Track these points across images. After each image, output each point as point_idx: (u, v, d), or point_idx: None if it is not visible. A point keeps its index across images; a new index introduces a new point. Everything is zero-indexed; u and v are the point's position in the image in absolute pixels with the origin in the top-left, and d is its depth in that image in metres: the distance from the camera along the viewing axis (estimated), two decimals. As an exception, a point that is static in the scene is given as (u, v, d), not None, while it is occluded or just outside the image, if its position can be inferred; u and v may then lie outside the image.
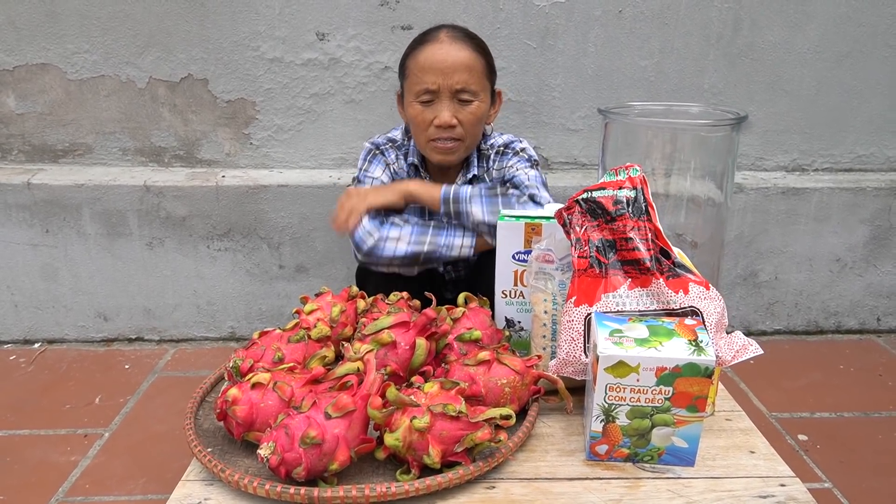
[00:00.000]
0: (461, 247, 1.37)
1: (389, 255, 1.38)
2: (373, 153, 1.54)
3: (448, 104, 1.40)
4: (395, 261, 1.39)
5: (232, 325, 2.27)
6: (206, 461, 0.92)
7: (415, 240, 1.38)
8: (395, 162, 1.54)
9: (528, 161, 1.54)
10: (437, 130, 1.42)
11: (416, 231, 1.39)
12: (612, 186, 1.04)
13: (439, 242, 1.37)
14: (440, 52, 1.39)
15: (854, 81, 2.20)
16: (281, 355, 1.07)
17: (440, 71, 1.38)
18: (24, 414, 1.85)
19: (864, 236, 2.27)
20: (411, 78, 1.43)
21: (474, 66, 1.41)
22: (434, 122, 1.41)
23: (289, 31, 2.07)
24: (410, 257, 1.38)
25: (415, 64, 1.42)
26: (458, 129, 1.42)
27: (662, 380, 0.91)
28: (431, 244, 1.37)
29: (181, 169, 2.21)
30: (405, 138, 1.58)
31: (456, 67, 1.38)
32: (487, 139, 1.59)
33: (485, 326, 1.15)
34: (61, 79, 2.10)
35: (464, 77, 1.39)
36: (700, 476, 0.95)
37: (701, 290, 1.03)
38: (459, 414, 0.89)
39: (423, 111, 1.42)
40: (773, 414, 1.88)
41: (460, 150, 1.46)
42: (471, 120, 1.43)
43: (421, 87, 1.40)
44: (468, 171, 1.54)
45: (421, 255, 1.38)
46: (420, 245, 1.38)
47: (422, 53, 1.41)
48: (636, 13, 2.10)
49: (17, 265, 2.16)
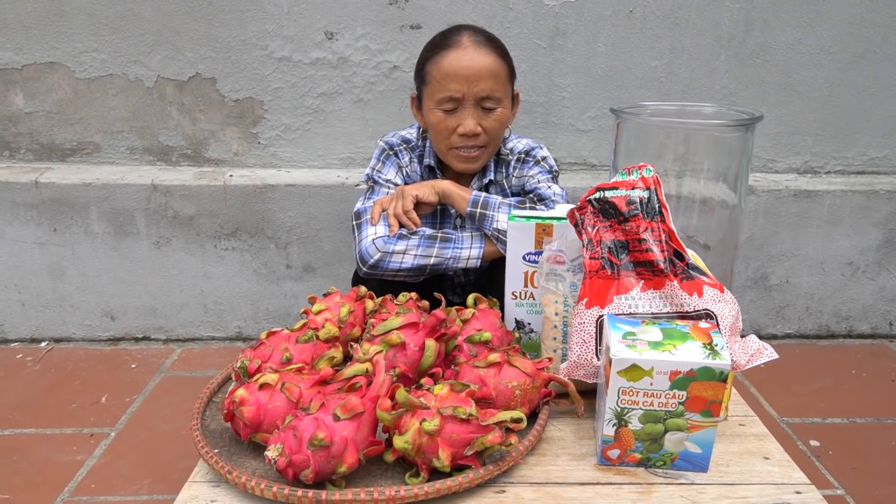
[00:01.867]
0: (468, 259, 1.36)
1: (395, 268, 1.37)
2: (386, 153, 1.51)
3: (472, 112, 1.36)
4: (401, 273, 1.38)
5: (239, 325, 2.26)
6: (213, 462, 0.91)
7: (422, 253, 1.36)
8: (409, 165, 1.51)
9: (549, 173, 1.51)
10: (460, 139, 1.39)
11: (423, 244, 1.37)
12: (625, 186, 1.02)
13: (446, 255, 1.36)
14: (465, 59, 1.35)
15: (867, 83, 2.18)
16: (289, 356, 1.06)
17: (465, 79, 1.34)
18: (30, 413, 1.85)
19: (877, 240, 2.24)
20: (433, 85, 1.38)
21: (499, 72, 1.37)
22: (458, 130, 1.37)
23: (297, 30, 2.06)
24: (416, 270, 1.37)
25: (437, 70, 1.37)
26: (482, 136, 1.39)
27: (676, 384, 0.89)
28: (438, 257, 1.36)
29: (189, 168, 2.21)
30: (419, 139, 1.55)
31: (481, 75, 1.34)
32: (506, 142, 1.55)
33: (495, 328, 1.14)
34: (69, 77, 2.10)
35: (489, 85, 1.35)
36: (714, 482, 0.94)
37: (715, 292, 1.01)
38: (469, 417, 0.88)
39: (446, 119, 1.38)
40: (785, 419, 1.86)
41: (483, 157, 1.44)
42: (495, 127, 1.40)
43: (444, 94, 1.36)
44: (484, 175, 1.51)
45: (427, 267, 1.37)
46: (427, 258, 1.36)
47: (444, 59, 1.36)
48: (647, 13, 2.08)
49: (24, 264, 2.16)
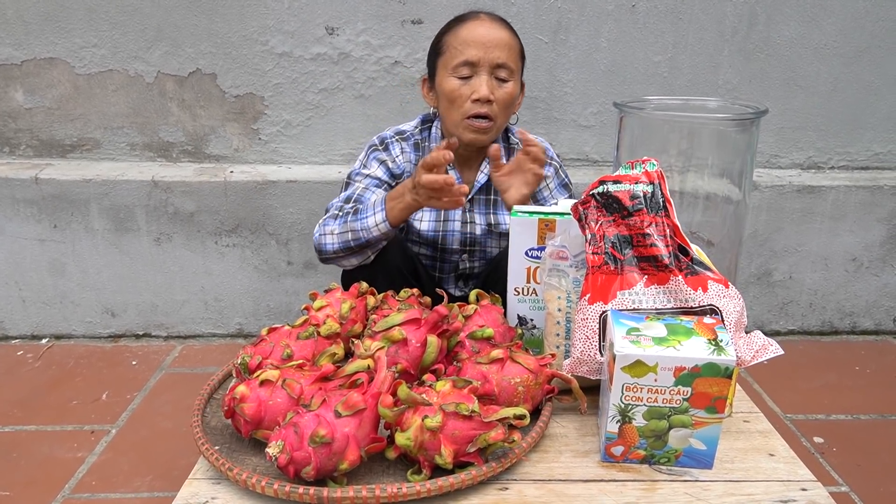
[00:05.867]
0: (375, 225, 1.34)
1: (330, 250, 1.39)
2: (374, 148, 1.53)
3: (486, 79, 1.40)
4: (338, 253, 1.39)
5: (240, 322, 2.25)
6: (214, 459, 0.91)
7: (340, 231, 1.37)
8: (401, 155, 1.52)
9: (563, 187, 1.58)
10: (473, 105, 1.41)
11: (340, 222, 1.38)
12: (629, 180, 1.01)
13: (357, 227, 1.36)
14: (482, 28, 1.41)
15: (871, 78, 2.17)
16: (290, 352, 1.06)
17: (482, 44, 1.39)
18: (30, 410, 1.84)
19: (881, 235, 2.23)
20: (450, 52, 1.42)
21: (513, 45, 1.43)
22: (472, 95, 1.40)
23: (298, 25, 2.05)
24: (344, 248, 1.37)
25: (454, 38, 1.43)
26: (493, 106, 1.42)
27: (681, 380, 0.88)
28: (352, 230, 1.36)
29: (189, 164, 2.20)
30: (422, 128, 1.56)
31: (497, 43, 1.40)
32: (514, 132, 1.58)
33: (497, 324, 1.13)
34: (69, 73, 2.09)
35: (504, 53, 1.41)
36: (718, 479, 0.93)
37: (720, 287, 1.00)
38: (472, 413, 0.87)
39: (461, 86, 1.41)
40: (788, 416, 1.85)
41: (492, 131, 1.46)
42: (505, 99, 1.43)
43: (461, 59, 1.40)
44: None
45: (349, 242, 1.37)
46: (344, 234, 1.37)
47: (463, 28, 1.42)
48: (649, 7, 2.07)
49: (24, 260, 2.15)
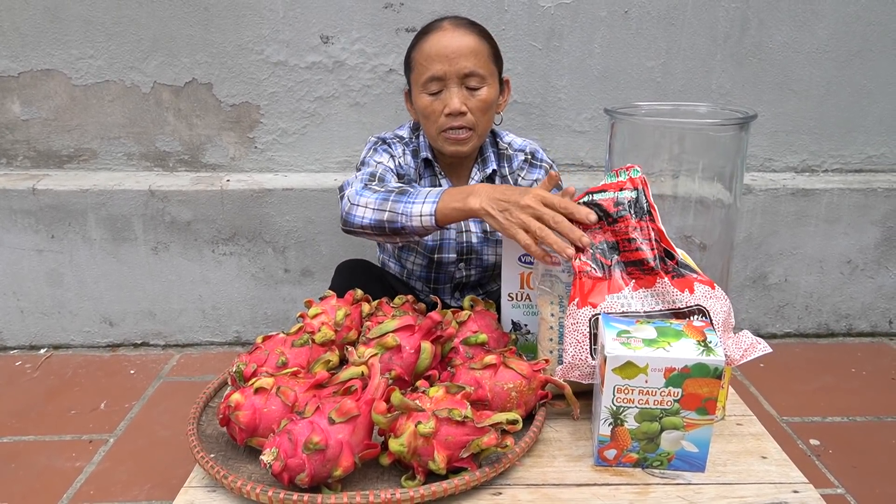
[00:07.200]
0: (420, 215, 1.23)
1: (358, 223, 1.29)
2: (378, 143, 1.52)
3: (457, 91, 1.38)
4: (366, 229, 1.30)
5: (237, 330, 2.26)
6: (209, 467, 0.91)
7: (378, 206, 1.27)
8: (402, 156, 1.52)
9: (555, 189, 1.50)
10: (447, 119, 1.39)
11: (380, 197, 1.28)
12: (614, 188, 1.03)
13: (398, 210, 1.25)
14: (444, 39, 1.38)
15: (864, 81, 2.18)
16: (284, 360, 1.06)
17: (445, 57, 1.36)
18: (29, 420, 1.85)
19: (876, 238, 2.24)
20: (417, 69, 1.41)
21: (480, 50, 1.39)
22: (444, 111, 1.38)
23: (293, 34, 2.06)
24: (375, 226, 1.28)
25: (419, 54, 1.40)
26: (468, 116, 1.39)
27: (671, 381, 0.89)
28: (392, 211, 1.26)
29: (186, 173, 2.21)
30: (413, 136, 1.56)
31: (461, 52, 1.37)
32: (502, 136, 1.56)
33: (491, 330, 1.14)
34: (66, 84, 2.10)
35: (470, 62, 1.37)
36: (711, 482, 0.93)
37: (706, 289, 1.01)
38: (465, 419, 0.88)
39: (433, 102, 1.40)
40: (785, 418, 1.86)
41: (473, 140, 1.43)
42: (480, 106, 1.40)
43: (427, 74, 1.38)
44: (485, 166, 1.51)
45: (384, 223, 1.27)
46: (381, 212, 1.27)
47: (426, 42, 1.39)
48: (642, 13, 2.08)
49: (22, 271, 2.16)
